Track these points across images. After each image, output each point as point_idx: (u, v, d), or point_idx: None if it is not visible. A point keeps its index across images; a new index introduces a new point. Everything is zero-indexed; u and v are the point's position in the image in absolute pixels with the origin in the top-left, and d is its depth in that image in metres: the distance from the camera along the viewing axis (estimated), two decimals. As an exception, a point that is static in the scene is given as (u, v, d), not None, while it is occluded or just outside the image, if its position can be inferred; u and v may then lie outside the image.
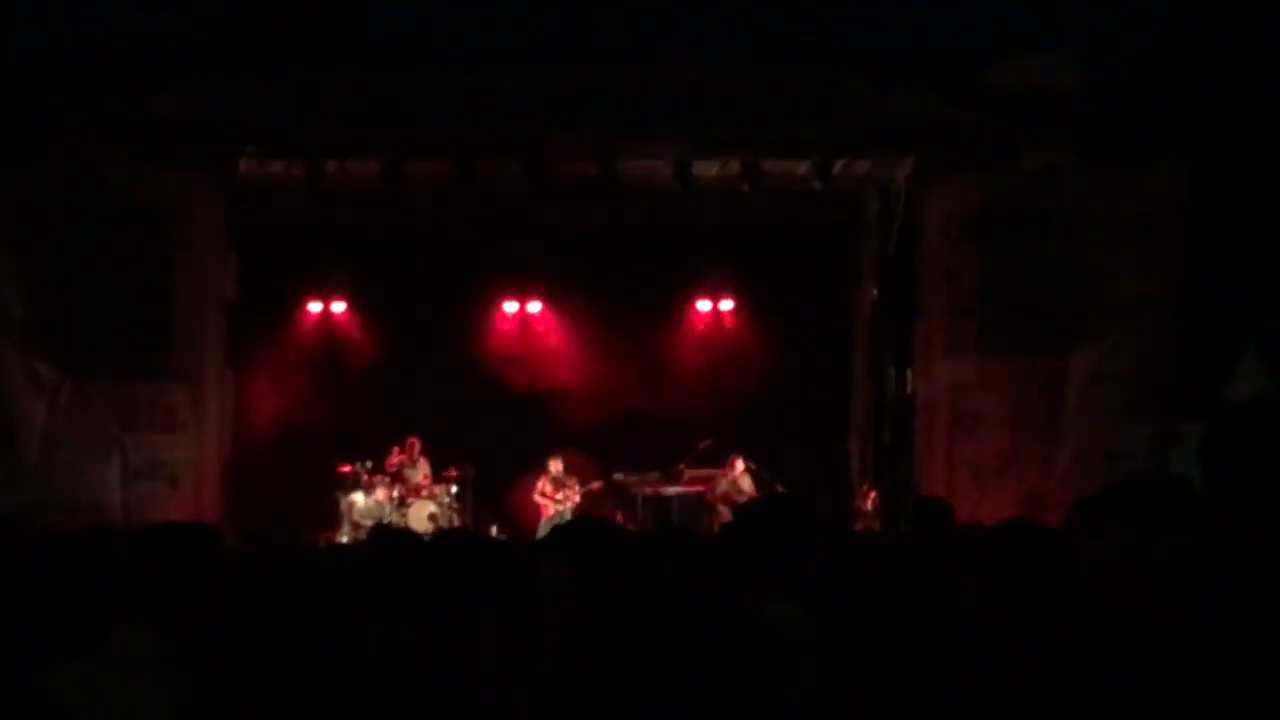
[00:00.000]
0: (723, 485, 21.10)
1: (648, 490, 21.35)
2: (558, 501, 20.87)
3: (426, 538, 8.09)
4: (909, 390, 19.62)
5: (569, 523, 5.60)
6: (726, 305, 22.87)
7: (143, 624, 4.81)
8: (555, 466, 21.10)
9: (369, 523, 20.32)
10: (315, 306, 22.22)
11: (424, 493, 21.03)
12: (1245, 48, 17.29)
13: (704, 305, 22.95)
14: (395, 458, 21.18)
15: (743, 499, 20.80)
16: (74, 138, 17.54)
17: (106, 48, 17.57)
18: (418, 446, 21.23)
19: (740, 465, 21.03)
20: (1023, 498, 17.92)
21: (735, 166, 19.45)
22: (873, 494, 20.32)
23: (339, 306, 22.22)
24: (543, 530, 20.11)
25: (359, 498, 20.74)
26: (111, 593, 5.33)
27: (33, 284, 17.72)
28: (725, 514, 20.72)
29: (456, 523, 20.83)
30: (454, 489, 21.34)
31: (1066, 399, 18.40)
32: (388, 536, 7.33)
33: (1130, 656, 3.95)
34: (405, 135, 18.48)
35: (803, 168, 19.66)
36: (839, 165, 19.65)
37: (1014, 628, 5.07)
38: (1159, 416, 18.17)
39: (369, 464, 20.90)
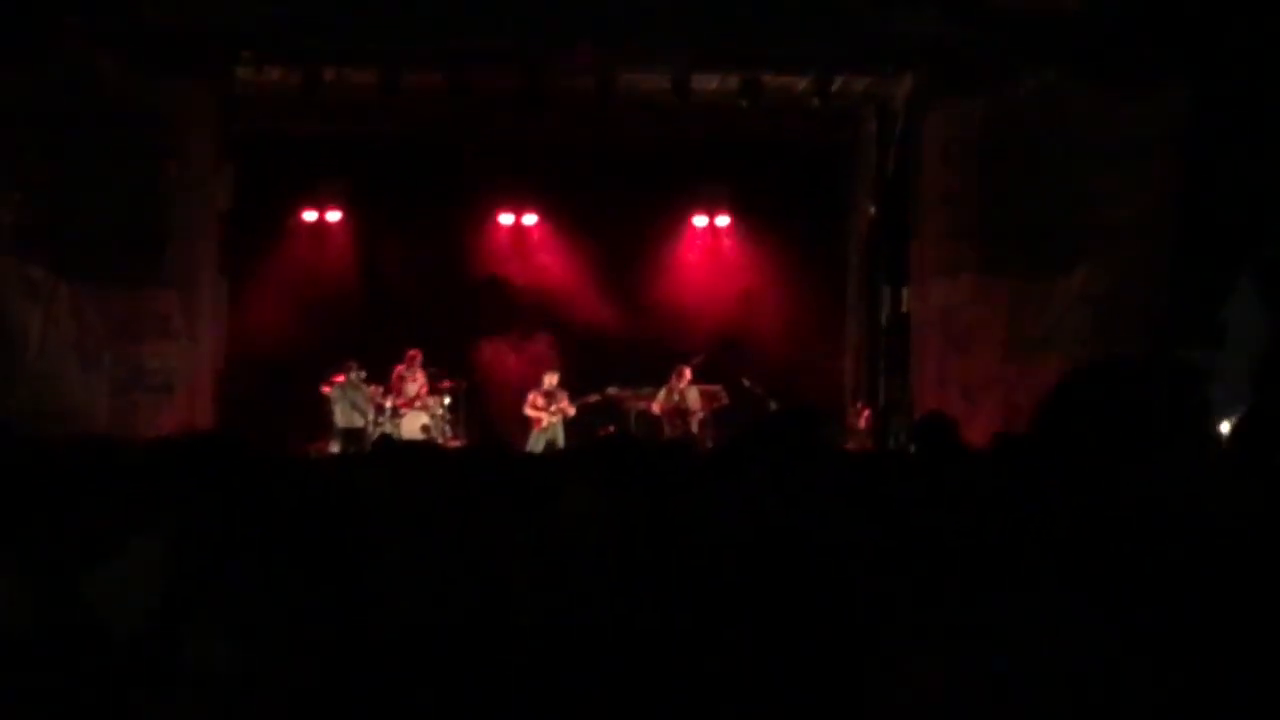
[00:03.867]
0: (664, 397, 21.05)
1: (640, 405, 21.38)
2: (549, 414, 20.88)
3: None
4: (903, 309, 19.63)
5: (596, 444, 5.56)
6: (723, 221, 22.93)
7: (159, 533, 4.82)
8: (549, 380, 21.08)
9: (355, 424, 20.44)
10: (310, 216, 22.20)
11: (418, 404, 21.04)
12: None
13: (700, 220, 22.99)
14: (397, 369, 21.17)
15: (690, 412, 20.86)
16: (70, 42, 17.40)
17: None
18: (419, 359, 21.18)
19: (687, 376, 20.99)
20: (1004, 415, 17.99)
21: (734, 81, 19.41)
22: (866, 412, 20.36)
23: (334, 216, 22.20)
24: (533, 443, 20.22)
25: (343, 404, 20.76)
26: (124, 502, 5.34)
27: (27, 190, 17.61)
28: (669, 428, 20.75)
29: (449, 434, 20.89)
30: (447, 400, 21.37)
31: (1054, 318, 18.41)
32: (398, 448, 7.33)
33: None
34: (403, 45, 18.40)
35: (802, 84, 19.63)
36: (838, 82, 19.62)
37: (1029, 540, 5.07)
38: (1152, 339, 18.17)
39: (363, 373, 20.87)
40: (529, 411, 21.02)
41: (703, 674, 4.07)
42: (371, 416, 20.79)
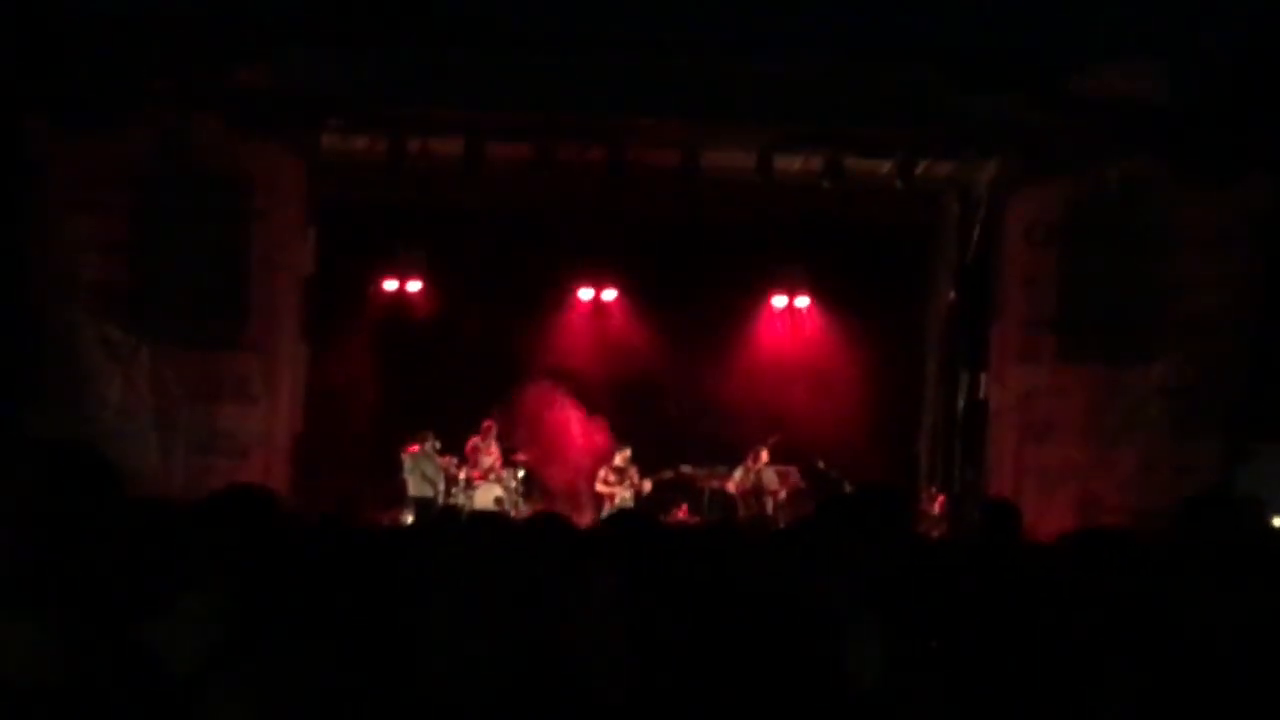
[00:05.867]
0: (741, 476, 21.04)
1: (714, 484, 21.34)
2: (621, 490, 20.86)
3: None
4: (981, 395, 19.51)
5: (612, 519, 5.56)
6: (802, 302, 22.82)
7: (210, 590, 4.82)
8: (620, 456, 21.09)
9: (425, 495, 20.47)
10: (391, 285, 22.23)
11: (492, 476, 21.05)
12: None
13: (779, 301, 22.89)
14: (472, 441, 21.23)
15: (766, 492, 20.82)
16: (159, 104, 17.59)
17: (195, 14, 17.60)
18: (494, 430, 21.24)
19: (764, 457, 20.99)
20: (1082, 504, 17.88)
21: (817, 162, 19.36)
22: (940, 498, 20.21)
23: (414, 286, 22.23)
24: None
25: (414, 475, 20.80)
26: (177, 559, 5.36)
27: (110, 249, 17.76)
28: (744, 508, 20.68)
29: (522, 507, 20.87)
30: (520, 473, 21.38)
31: (1133, 408, 18.31)
32: (457, 518, 7.32)
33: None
34: (488, 116, 18.49)
35: (885, 167, 19.55)
36: (922, 166, 19.55)
37: (1084, 635, 5.02)
38: (1229, 432, 18.05)
39: (438, 444, 20.93)
40: (599, 487, 21.02)
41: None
42: (442, 488, 20.82)
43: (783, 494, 20.99)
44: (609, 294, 22.87)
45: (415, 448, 20.86)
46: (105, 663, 4.38)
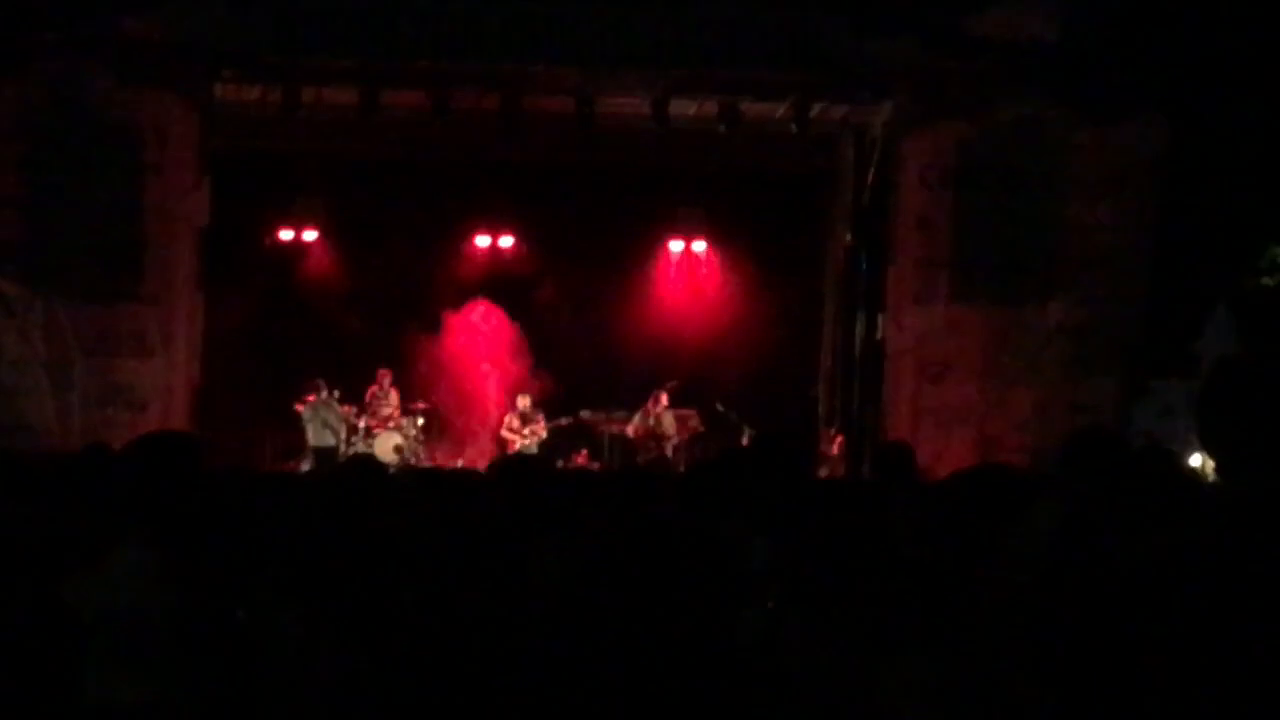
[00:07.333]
0: (640, 421, 21.10)
1: (613, 429, 21.39)
2: (524, 437, 20.90)
3: (392, 469, 8.17)
4: (878, 336, 19.64)
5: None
6: (699, 246, 22.84)
7: (140, 540, 4.83)
8: (522, 402, 21.14)
9: (326, 443, 20.43)
10: (287, 234, 22.11)
11: (391, 424, 21.01)
12: (1225, 2, 17.29)
13: (676, 245, 22.92)
14: (370, 389, 21.18)
15: (665, 437, 20.88)
16: (50, 55, 17.38)
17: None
18: (389, 379, 21.19)
19: (664, 401, 21.04)
20: (980, 443, 18.03)
21: (712, 107, 19.41)
22: (839, 439, 20.36)
23: (311, 235, 22.13)
24: (508, 466, 20.14)
25: (315, 424, 20.74)
26: (104, 512, 5.35)
27: (1, 203, 17.57)
28: (643, 452, 20.75)
29: (422, 455, 20.87)
30: (420, 422, 21.35)
31: (1029, 347, 18.46)
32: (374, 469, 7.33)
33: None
34: (382, 65, 18.38)
35: (780, 110, 19.62)
36: (816, 109, 19.61)
37: (973, 571, 5.12)
38: (1125, 370, 18.25)
39: (336, 393, 20.87)
40: (505, 434, 21.03)
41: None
42: (344, 436, 20.78)
43: (677, 439, 21.06)
44: (506, 240, 22.80)
45: (311, 398, 20.80)
46: (23, 620, 4.39)
